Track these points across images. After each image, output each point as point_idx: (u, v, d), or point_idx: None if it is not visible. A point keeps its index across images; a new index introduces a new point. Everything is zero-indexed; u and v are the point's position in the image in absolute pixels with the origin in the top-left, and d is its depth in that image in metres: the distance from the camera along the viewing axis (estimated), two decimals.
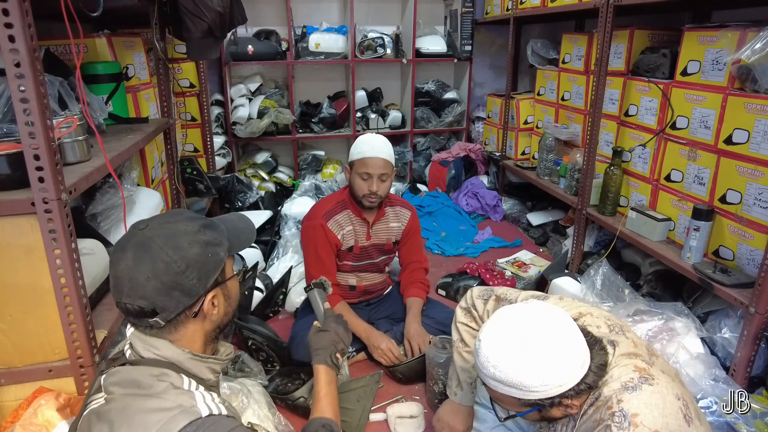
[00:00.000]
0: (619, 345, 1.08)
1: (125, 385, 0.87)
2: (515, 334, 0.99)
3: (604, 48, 2.26)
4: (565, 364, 0.97)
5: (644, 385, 0.98)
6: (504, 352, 0.98)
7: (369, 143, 1.87)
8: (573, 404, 1.01)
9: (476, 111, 4.16)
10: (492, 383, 1.01)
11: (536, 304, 1.06)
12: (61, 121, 1.24)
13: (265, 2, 3.68)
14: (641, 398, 0.96)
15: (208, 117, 3.14)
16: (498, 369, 0.98)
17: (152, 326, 0.90)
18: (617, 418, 0.95)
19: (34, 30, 0.99)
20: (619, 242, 2.33)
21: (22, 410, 1.15)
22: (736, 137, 1.76)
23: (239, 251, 1.03)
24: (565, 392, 0.98)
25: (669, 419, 0.95)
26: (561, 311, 1.04)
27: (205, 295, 0.92)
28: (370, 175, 1.84)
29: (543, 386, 0.96)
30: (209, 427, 0.81)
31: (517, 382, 0.97)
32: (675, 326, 1.77)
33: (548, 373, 0.96)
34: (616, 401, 0.97)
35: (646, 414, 0.94)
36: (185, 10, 1.84)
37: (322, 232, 1.89)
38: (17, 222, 1.09)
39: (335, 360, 1.29)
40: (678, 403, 0.98)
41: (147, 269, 0.86)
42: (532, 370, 0.96)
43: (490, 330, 1.02)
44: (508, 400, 1.03)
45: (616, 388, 0.99)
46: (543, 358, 0.96)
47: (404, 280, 2.12)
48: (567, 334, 0.99)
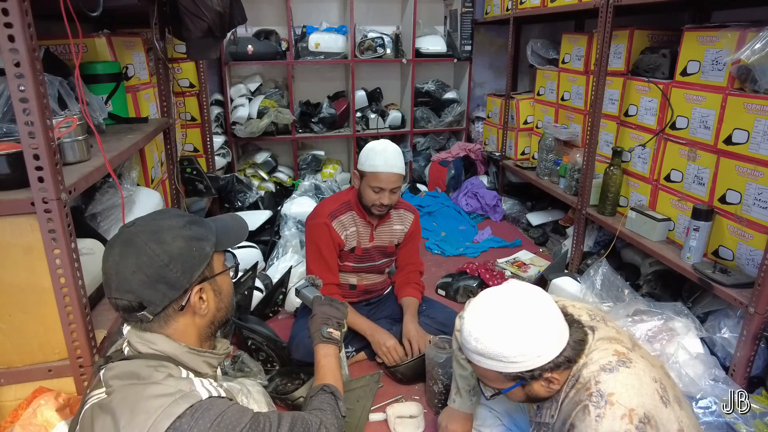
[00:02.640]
0: (599, 330, 1.12)
1: (124, 377, 0.88)
2: (495, 309, 1.05)
3: (604, 48, 2.26)
4: (542, 335, 1.02)
5: (621, 368, 1.02)
6: (484, 326, 1.04)
7: (382, 156, 1.81)
8: (554, 378, 1.05)
9: (476, 111, 4.17)
10: (475, 358, 1.06)
11: (516, 283, 1.11)
12: (61, 120, 1.24)
13: (265, 2, 3.68)
14: (618, 379, 1.00)
15: (207, 117, 3.14)
16: (479, 342, 1.03)
17: (142, 320, 0.92)
18: (594, 397, 0.99)
19: (34, 30, 0.99)
20: (618, 242, 2.33)
21: (21, 410, 1.15)
22: (736, 137, 1.76)
23: (228, 247, 1.04)
24: (544, 365, 1.02)
25: (645, 399, 0.98)
26: (540, 290, 1.09)
27: (190, 288, 0.93)
28: (383, 189, 1.83)
29: (522, 357, 1.01)
30: (207, 408, 0.83)
31: (497, 353, 1.02)
32: (675, 326, 1.77)
33: (526, 343, 1.01)
34: (594, 382, 1.02)
35: (622, 393, 0.98)
36: (185, 9, 1.84)
37: (327, 232, 1.89)
38: (17, 222, 1.09)
39: (328, 334, 1.31)
40: (655, 385, 1.02)
41: (132, 263, 0.89)
42: (511, 340, 1.01)
43: (472, 307, 1.09)
44: (492, 375, 1.07)
45: (595, 370, 1.03)
46: (521, 330, 1.01)
47: (399, 281, 2.13)
48: (545, 308, 1.04)
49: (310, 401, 1.14)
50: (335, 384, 1.20)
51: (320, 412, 1.07)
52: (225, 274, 1.03)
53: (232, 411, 0.86)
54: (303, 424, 0.98)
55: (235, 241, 1.07)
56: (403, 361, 1.85)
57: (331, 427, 1.04)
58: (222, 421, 0.84)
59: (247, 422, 0.87)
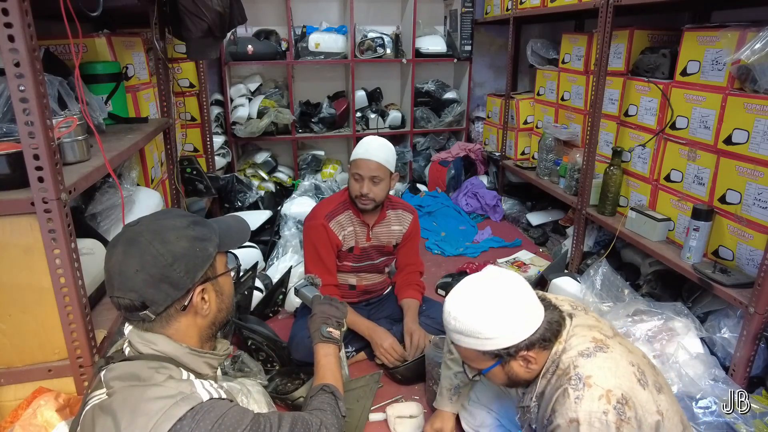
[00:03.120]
0: (577, 317, 1.17)
1: (125, 378, 0.88)
2: (472, 290, 1.11)
3: (604, 48, 2.26)
4: (515, 313, 1.07)
5: (598, 353, 1.07)
6: (462, 305, 1.10)
7: (365, 145, 1.85)
8: (530, 356, 1.09)
9: (476, 111, 4.16)
10: (455, 337, 1.12)
11: (493, 269, 1.18)
12: (61, 120, 1.24)
13: (265, 2, 3.68)
14: (595, 363, 1.05)
15: (207, 117, 3.14)
16: (457, 320, 1.10)
17: (144, 320, 0.92)
18: (573, 381, 1.04)
19: (34, 30, 0.99)
20: (618, 242, 2.33)
21: (21, 410, 1.15)
22: (736, 137, 1.76)
23: (231, 249, 1.05)
24: (518, 342, 1.07)
25: (621, 380, 1.02)
26: (516, 275, 1.15)
27: (193, 288, 0.94)
28: (362, 176, 1.82)
29: (496, 333, 1.06)
30: (207, 410, 0.83)
31: (473, 330, 1.07)
32: (674, 326, 1.77)
33: (500, 320, 1.06)
34: (573, 367, 1.06)
35: (599, 375, 1.03)
36: (185, 9, 1.84)
37: (324, 233, 1.89)
38: (17, 222, 1.09)
39: (328, 333, 1.31)
40: (631, 369, 1.06)
41: (135, 262, 0.89)
42: (486, 318, 1.07)
43: (453, 291, 1.16)
44: (472, 354, 1.13)
45: (573, 355, 1.09)
46: (495, 308, 1.07)
47: (400, 282, 2.13)
48: (518, 290, 1.10)
49: (310, 401, 1.14)
50: (335, 384, 1.20)
51: (320, 412, 1.08)
52: (227, 275, 1.03)
53: (233, 413, 0.87)
54: (303, 424, 0.98)
55: (237, 243, 1.08)
56: (402, 362, 1.85)
57: (331, 427, 1.04)
58: (223, 422, 0.84)
59: (247, 424, 0.87)
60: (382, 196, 1.89)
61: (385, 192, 1.89)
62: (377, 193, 1.85)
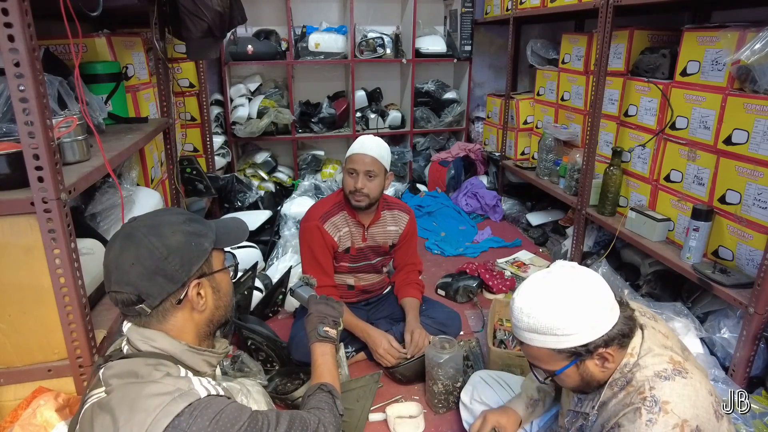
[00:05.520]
0: (647, 329, 1.10)
1: (123, 375, 0.89)
2: (545, 285, 1.04)
3: (604, 48, 2.26)
4: (595, 305, 1.00)
5: (678, 377, 0.99)
6: (536, 300, 1.03)
7: (360, 142, 1.88)
8: (608, 354, 1.02)
9: (476, 111, 4.16)
10: (527, 336, 1.04)
11: (562, 263, 1.10)
12: (61, 120, 1.24)
13: (264, 2, 3.68)
14: (674, 388, 0.98)
15: (207, 117, 3.14)
16: (531, 317, 1.02)
17: (140, 314, 0.93)
18: (648, 402, 0.97)
19: (34, 30, 0.99)
20: (618, 242, 2.33)
21: (21, 410, 1.15)
22: (736, 137, 1.76)
23: (228, 246, 1.05)
24: (597, 338, 1.00)
25: (700, 411, 0.96)
26: (587, 268, 1.08)
27: (188, 282, 0.94)
28: (356, 171, 1.83)
29: (575, 328, 0.99)
30: (205, 406, 0.84)
31: (550, 327, 1.00)
32: (674, 326, 1.77)
33: (579, 314, 0.99)
34: (649, 387, 0.99)
35: (678, 403, 0.96)
36: (185, 9, 1.84)
37: (319, 234, 1.89)
38: (16, 222, 1.09)
39: (324, 332, 1.31)
40: (710, 399, 0.99)
41: (131, 256, 0.90)
42: (564, 312, 1.00)
43: (523, 287, 1.08)
44: (545, 354, 1.05)
45: (649, 375, 1.01)
46: (573, 301, 1.00)
47: (399, 281, 2.12)
48: (594, 282, 1.03)
49: (307, 400, 1.14)
50: (332, 382, 1.20)
51: (318, 411, 1.08)
52: (224, 273, 1.04)
53: (231, 409, 0.87)
54: (301, 422, 0.98)
55: (234, 241, 1.08)
56: (402, 362, 1.85)
57: (329, 425, 1.05)
58: (220, 419, 0.84)
59: (245, 420, 0.87)
60: (377, 194, 1.88)
61: (379, 189, 1.88)
62: (372, 188, 1.84)
